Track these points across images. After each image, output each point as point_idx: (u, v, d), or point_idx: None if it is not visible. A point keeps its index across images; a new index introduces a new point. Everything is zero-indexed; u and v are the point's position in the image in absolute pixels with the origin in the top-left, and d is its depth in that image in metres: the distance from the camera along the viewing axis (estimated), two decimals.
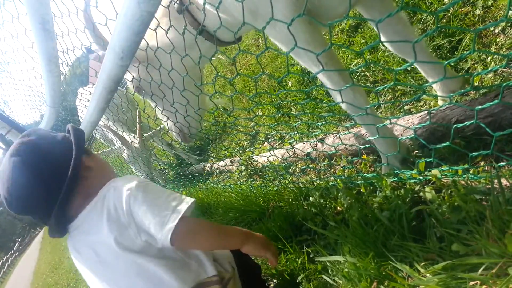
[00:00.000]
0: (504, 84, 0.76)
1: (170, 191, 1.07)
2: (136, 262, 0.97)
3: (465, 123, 0.90)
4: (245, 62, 4.77)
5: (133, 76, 1.81)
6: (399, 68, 0.79)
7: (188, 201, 1.02)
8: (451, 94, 1.17)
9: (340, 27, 2.76)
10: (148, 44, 1.35)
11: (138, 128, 3.61)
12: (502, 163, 1.06)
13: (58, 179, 1.02)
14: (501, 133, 0.80)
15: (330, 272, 1.28)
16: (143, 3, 0.83)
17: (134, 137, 3.69)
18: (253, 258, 1.40)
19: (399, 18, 1.42)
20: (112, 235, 0.97)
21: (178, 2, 1.39)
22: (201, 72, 1.75)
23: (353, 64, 2.40)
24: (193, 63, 1.43)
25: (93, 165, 1.13)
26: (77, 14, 1.39)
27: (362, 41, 2.44)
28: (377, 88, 1.00)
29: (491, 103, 0.83)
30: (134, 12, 0.86)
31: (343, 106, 1.22)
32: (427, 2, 2.06)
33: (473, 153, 0.93)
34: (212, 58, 1.36)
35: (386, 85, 1.33)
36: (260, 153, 2.67)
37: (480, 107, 0.86)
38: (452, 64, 1.70)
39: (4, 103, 3.87)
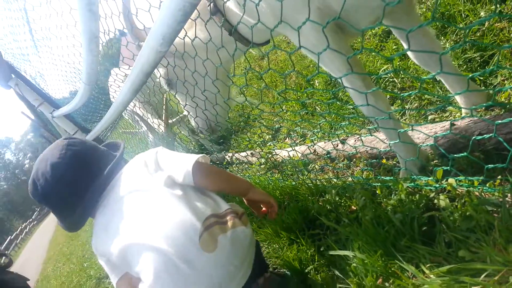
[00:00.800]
0: None
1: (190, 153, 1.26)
2: (164, 194, 1.12)
3: (484, 136, 0.93)
4: (274, 58, 4.81)
5: (164, 71, 1.91)
6: (425, 77, 0.83)
7: (204, 155, 1.24)
8: (473, 107, 1.19)
9: (373, 32, 2.78)
10: (186, 33, 1.43)
11: (164, 114, 3.72)
12: None
13: (98, 175, 1.20)
14: None
15: (338, 266, 1.33)
16: None
17: (160, 122, 3.80)
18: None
19: (425, 32, 1.44)
20: (143, 178, 1.16)
21: (213, 4, 1.47)
22: (227, 68, 1.83)
23: (382, 69, 2.41)
24: (223, 59, 1.52)
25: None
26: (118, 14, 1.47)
27: (394, 47, 2.45)
28: (403, 95, 1.04)
29: (511, 119, 0.87)
30: (178, 2, 0.92)
31: (365, 111, 1.26)
32: (462, 15, 2.06)
33: (489, 165, 0.97)
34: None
35: (411, 92, 1.36)
36: (281, 148, 2.72)
37: (500, 121, 0.89)
38: (481, 78, 1.71)
39: (40, 76, 4.04)
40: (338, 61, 1.21)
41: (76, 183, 1.14)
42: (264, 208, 1.39)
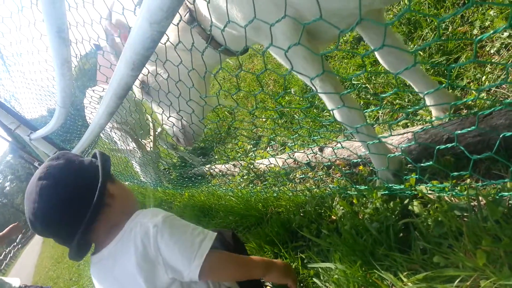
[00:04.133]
0: (480, 112, 0.83)
1: (193, 225, 1.13)
2: None
3: (447, 145, 0.97)
4: (251, 66, 4.85)
5: (140, 81, 1.90)
6: (384, 95, 0.86)
7: (211, 236, 1.10)
8: (435, 118, 1.24)
9: (344, 39, 2.83)
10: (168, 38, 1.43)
11: (152, 132, 3.72)
12: (481, 183, 1.13)
13: (83, 205, 1.07)
14: (478, 156, 0.88)
15: (321, 278, 1.35)
16: (154, 23, 0.91)
17: (142, 141, 3.80)
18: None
19: (394, 39, 1.49)
20: (142, 275, 1.03)
21: (188, 13, 1.48)
22: (206, 81, 1.82)
23: (354, 77, 2.46)
24: (199, 68, 1.51)
25: (116, 193, 1.18)
26: (99, 23, 1.46)
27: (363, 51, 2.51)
28: (365, 110, 1.07)
29: (469, 129, 0.91)
30: (145, 31, 0.93)
31: (339, 119, 1.30)
32: (427, 19, 2.13)
33: (454, 173, 1.01)
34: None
35: (375, 107, 1.40)
36: (262, 158, 2.74)
37: (459, 131, 0.93)
38: (449, 82, 1.76)
39: (15, 99, 3.97)
40: (311, 68, 1.23)
41: (61, 223, 1.07)
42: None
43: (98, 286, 1.18)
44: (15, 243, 41.11)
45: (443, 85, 0.93)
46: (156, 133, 3.98)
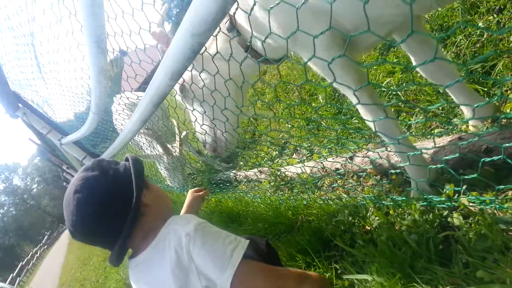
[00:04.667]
0: None
1: (225, 233, 1.12)
2: None
3: (493, 158, 0.95)
4: (276, 73, 4.86)
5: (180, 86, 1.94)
6: (431, 107, 0.85)
7: (243, 244, 1.08)
8: (480, 132, 1.21)
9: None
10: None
11: (178, 137, 3.78)
12: None
13: (120, 217, 1.10)
14: None
15: None
16: (196, 35, 0.92)
17: (171, 146, 3.87)
18: None
19: (432, 46, 1.47)
20: (176, 283, 1.04)
21: (229, 22, 1.50)
22: (243, 90, 1.83)
23: (385, 82, 2.44)
24: (236, 77, 1.53)
25: (151, 202, 1.19)
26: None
27: (395, 60, 2.48)
28: (411, 122, 1.06)
29: None
30: (187, 42, 0.95)
31: (378, 133, 1.28)
32: (461, 26, 2.09)
33: (500, 186, 0.98)
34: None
35: (418, 120, 1.38)
36: (288, 165, 2.74)
37: (506, 144, 0.91)
38: (485, 89, 1.73)
39: (48, 105, 4.10)
40: (349, 79, 1.23)
41: (99, 235, 1.11)
42: None
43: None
44: (41, 244, 42.28)
45: (491, 99, 0.91)
46: (181, 136, 4.03)
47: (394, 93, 2.29)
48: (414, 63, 1.53)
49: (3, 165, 74.03)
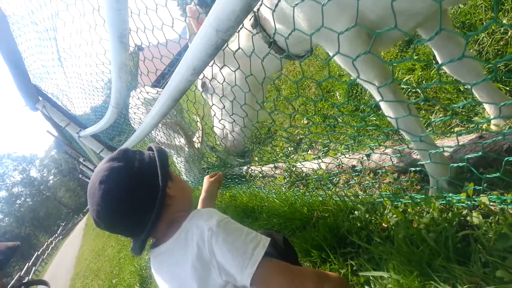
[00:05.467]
0: None
1: (247, 230, 1.13)
2: None
3: None
4: (292, 69, 4.85)
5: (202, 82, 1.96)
6: (455, 105, 0.85)
7: (264, 243, 1.09)
8: (504, 131, 1.19)
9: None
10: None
11: (201, 130, 3.82)
12: None
13: (145, 208, 1.11)
14: None
15: (372, 286, 1.34)
16: (221, 31, 0.93)
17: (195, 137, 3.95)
18: None
19: (458, 43, 1.45)
20: (196, 276, 1.06)
21: (253, 18, 1.51)
22: (263, 87, 1.84)
23: (405, 79, 2.41)
24: (257, 73, 1.53)
25: (175, 193, 1.21)
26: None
27: (415, 57, 2.45)
28: (433, 120, 1.06)
29: None
30: (211, 37, 0.96)
31: (400, 130, 1.28)
32: (484, 23, 2.05)
33: None
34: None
35: (442, 118, 1.37)
36: (304, 161, 2.73)
37: None
38: (507, 88, 1.70)
39: (68, 99, 4.18)
40: (373, 75, 1.22)
41: (124, 225, 1.13)
42: None
43: (157, 278, 1.24)
44: (56, 234, 43.12)
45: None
46: (203, 129, 4.08)
47: (414, 90, 2.27)
48: (438, 59, 1.51)
49: (20, 156, 75.55)
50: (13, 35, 2.84)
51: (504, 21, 1.99)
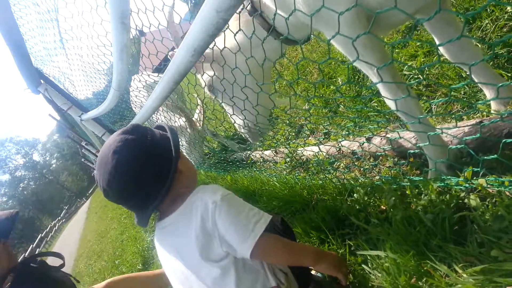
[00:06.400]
0: None
1: (250, 206, 1.17)
2: (213, 272, 1.10)
3: None
4: (295, 55, 4.83)
5: (208, 78, 1.97)
6: (454, 86, 0.85)
7: (266, 218, 1.13)
8: (502, 112, 1.20)
9: (396, 28, 2.76)
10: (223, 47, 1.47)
11: (202, 112, 3.83)
12: None
13: (156, 180, 1.14)
14: None
15: (370, 265, 1.36)
16: (221, 11, 0.94)
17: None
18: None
19: (458, 28, 1.44)
20: (198, 246, 1.10)
21: (250, 5, 1.50)
22: (263, 71, 1.84)
23: (406, 66, 2.40)
24: (265, 62, 1.54)
25: (183, 168, 1.24)
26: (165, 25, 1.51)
27: (418, 43, 2.44)
28: (432, 102, 1.06)
29: None
30: (211, 17, 0.96)
31: (398, 113, 1.29)
32: (488, 9, 2.03)
33: None
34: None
35: (441, 99, 1.37)
36: (305, 146, 2.75)
37: None
38: (509, 75, 1.69)
39: (70, 82, 4.18)
40: (372, 58, 1.22)
41: (129, 202, 1.17)
42: None
43: (159, 250, 1.28)
44: (59, 217, 43.51)
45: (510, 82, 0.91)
46: (203, 110, 4.09)
47: (416, 77, 2.26)
48: (435, 40, 1.51)
49: (23, 140, 75.87)
50: (14, 16, 2.82)
51: (508, 8, 1.97)
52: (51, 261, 1.75)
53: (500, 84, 0.82)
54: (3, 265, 1.47)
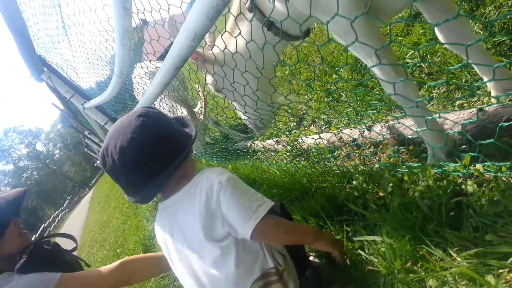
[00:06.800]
0: None
1: (254, 191, 1.19)
2: (215, 252, 1.12)
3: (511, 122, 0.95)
4: (293, 49, 4.79)
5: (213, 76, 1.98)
6: (452, 68, 0.85)
7: (268, 204, 1.15)
8: (500, 95, 1.20)
9: (399, 15, 2.74)
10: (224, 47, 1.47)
11: (203, 102, 3.83)
12: None
13: (173, 152, 1.17)
14: None
15: (367, 251, 1.38)
16: None
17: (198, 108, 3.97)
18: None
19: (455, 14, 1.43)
20: (201, 223, 1.12)
21: (249, 1, 1.50)
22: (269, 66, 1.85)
23: (409, 54, 2.39)
24: (267, 59, 1.54)
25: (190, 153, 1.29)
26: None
27: (421, 31, 2.43)
28: (429, 84, 1.06)
29: None
30: (211, 0, 0.97)
31: (394, 97, 1.29)
32: None
33: None
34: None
35: (438, 81, 1.37)
36: (306, 135, 2.75)
37: None
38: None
39: (72, 69, 4.18)
40: (369, 42, 1.22)
41: (141, 170, 1.13)
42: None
43: (159, 231, 1.30)
44: (62, 207, 43.85)
45: (505, 62, 0.91)
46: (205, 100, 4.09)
47: (418, 65, 2.25)
48: (436, 30, 1.50)
49: (26, 130, 76.14)
50: (17, 1, 2.82)
51: None
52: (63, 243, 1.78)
53: (496, 65, 0.82)
54: (14, 244, 1.50)
